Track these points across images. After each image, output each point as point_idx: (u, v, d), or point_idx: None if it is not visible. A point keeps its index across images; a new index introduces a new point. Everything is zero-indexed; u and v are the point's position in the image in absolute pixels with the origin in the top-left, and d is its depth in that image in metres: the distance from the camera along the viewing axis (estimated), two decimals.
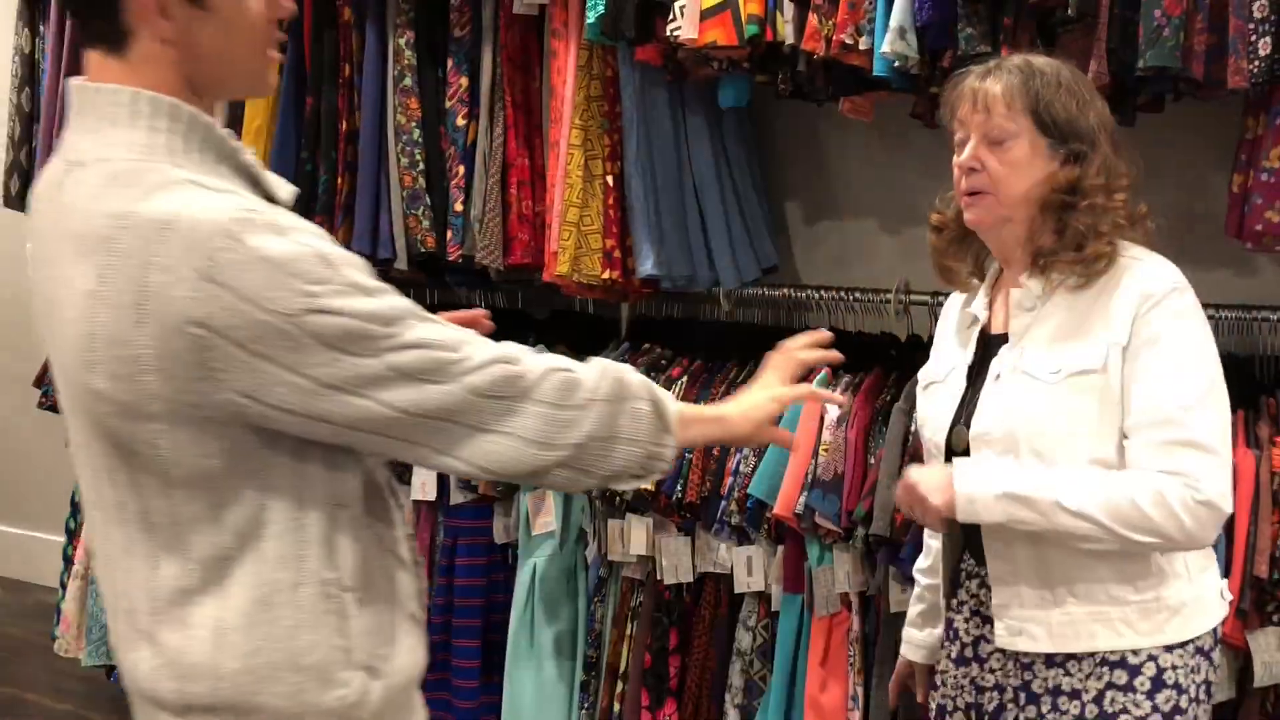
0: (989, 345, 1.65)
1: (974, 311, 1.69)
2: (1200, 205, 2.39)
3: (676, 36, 2.30)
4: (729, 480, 2.47)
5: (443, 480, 2.85)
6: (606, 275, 2.55)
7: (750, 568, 2.50)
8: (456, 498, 2.83)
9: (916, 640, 1.90)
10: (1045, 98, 1.52)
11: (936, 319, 2.52)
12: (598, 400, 1.20)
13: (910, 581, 2.29)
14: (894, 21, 2.11)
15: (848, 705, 2.39)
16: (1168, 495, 1.43)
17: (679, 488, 2.50)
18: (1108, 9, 1.98)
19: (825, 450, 2.36)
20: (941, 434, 1.65)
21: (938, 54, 2.14)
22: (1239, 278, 2.44)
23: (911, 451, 2.27)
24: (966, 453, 1.59)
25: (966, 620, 1.70)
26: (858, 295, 2.59)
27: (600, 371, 1.23)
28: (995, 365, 1.60)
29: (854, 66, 2.24)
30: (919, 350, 2.58)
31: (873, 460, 2.35)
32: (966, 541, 1.67)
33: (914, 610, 1.92)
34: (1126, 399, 1.49)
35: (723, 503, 2.47)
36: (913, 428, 2.30)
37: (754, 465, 2.44)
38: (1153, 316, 1.49)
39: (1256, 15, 1.87)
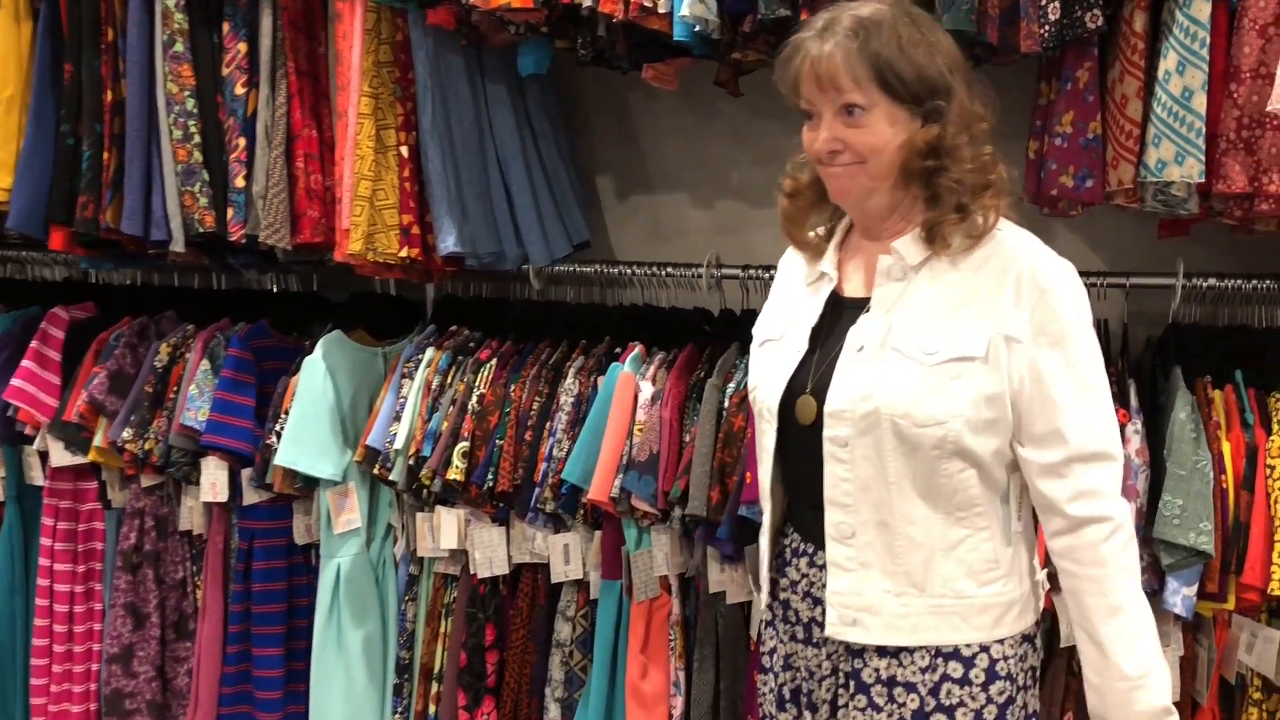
0: (840, 309, 1.55)
1: (824, 268, 1.58)
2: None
3: None
4: (542, 466, 2.36)
5: (235, 479, 2.64)
6: (404, 253, 2.39)
7: (567, 555, 2.40)
8: (250, 497, 2.63)
9: None
10: (888, 59, 1.41)
11: (749, 292, 2.54)
12: None
13: (729, 560, 2.25)
14: None
15: (670, 691, 2.33)
16: (1108, 531, 1.46)
17: (490, 476, 2.38)
18: None
19: (640, 430, 2.28)
20: (776, 398, 1.54)
21: (738, 18, 2.07)
22: None
23: (726, 425, 2.22)
24: (812, 426, 1.49)
25: (801, 600, 1.61)
26: (670, 270, 2.51)
27: None
28: (855, 335, 1.50)
29: (655, 31, 2.15)
30: (732, 324, 2.54)
31: (688, 438, 2.28)
32: (793, 518, 1.59)
33: None
34: (1028, 399, 1.43)
35: (537, 490, 2.36)
36: (725, 403, 2.25)
37: (568, 449, 2.34)
38: (1052, 312, 1.42)
39: None
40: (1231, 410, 2.00)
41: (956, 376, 1.42)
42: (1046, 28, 1.89)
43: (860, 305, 1.52)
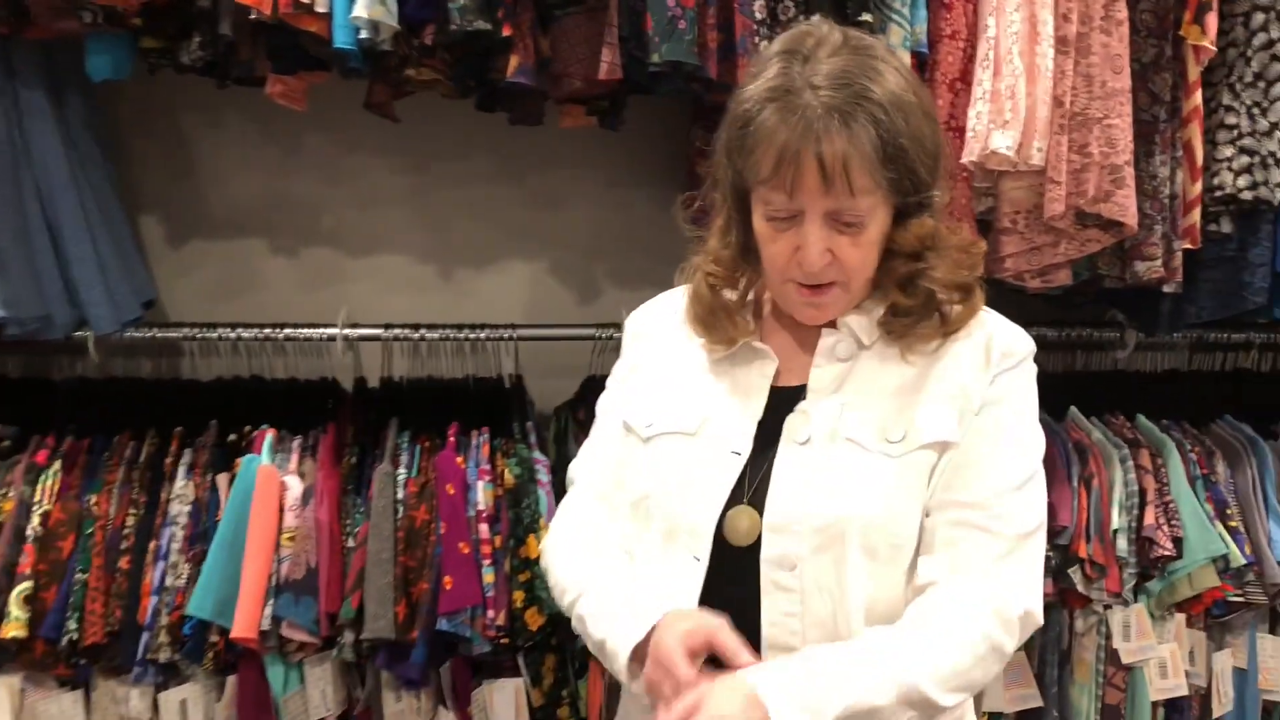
0: (774, 399, 1.19)
1: (757, 345, 1.21)
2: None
3: None
4: (149, 602, 1.77)
5: None
6: None
7: (185, 713, 1.82)
8: None
9: None
10: (911, 158, 1.07)
11: (391, 356, 2.14)
12: None
13: (411, 685, 1.85)
14: None
15: None
16: (993, 638, 1.09)
17: (72, 625, 1.73)
18: None
19: (291, 539, 1.79)
20: (711, 513, 1.14)
21: (418, 27, 1.72)
22: None
23: (406, 522, 1.82)
24: (752, 547, 1.12)
25: None
26: (289, 333, 2.03)
27: None
28: (796, 426, 1.15)
29: (299, 36, 1.71)
30: (375, 398, 2.12)
31: (351, 542, 1.84)
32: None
33: None
34: (957, 468, 1.13)
35: (146, 635, 1.75)
36: (401, 494, 1.85)
37: (188, 575, 1.77)
38: (1003, 378, 1.16)
39: (758, 16, 1.77)
40: None
41: (929, 466, 1.13)
42: None
43: (795, 393, 1.19)
